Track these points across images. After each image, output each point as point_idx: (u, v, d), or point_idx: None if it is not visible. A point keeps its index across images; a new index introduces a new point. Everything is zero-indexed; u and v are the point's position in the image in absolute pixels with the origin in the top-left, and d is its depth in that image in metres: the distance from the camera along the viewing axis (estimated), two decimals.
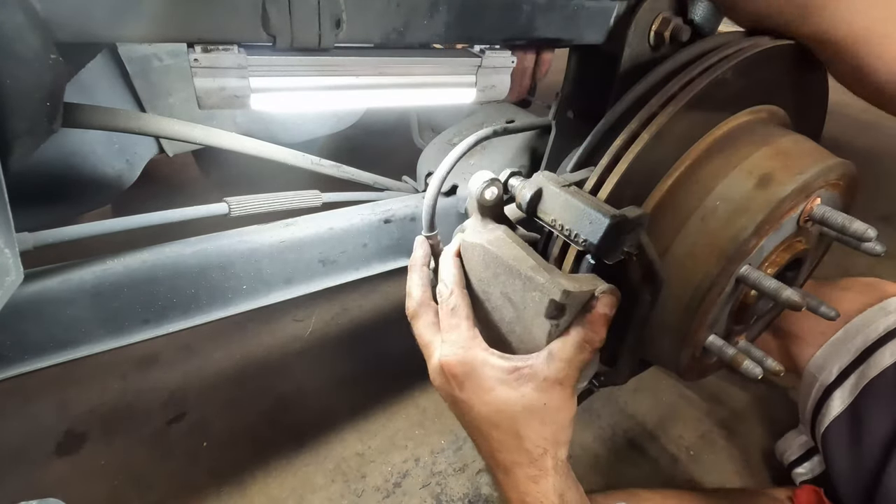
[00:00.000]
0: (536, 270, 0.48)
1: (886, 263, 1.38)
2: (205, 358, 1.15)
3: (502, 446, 0.50)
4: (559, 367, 0.48)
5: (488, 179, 0.54)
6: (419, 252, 0.61)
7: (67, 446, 0.97)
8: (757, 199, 0.52)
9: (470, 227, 0.56)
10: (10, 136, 0.39)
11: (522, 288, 0.49)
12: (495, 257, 0.51)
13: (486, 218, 0.56)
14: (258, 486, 0.91)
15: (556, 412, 0.49)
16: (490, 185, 0.54)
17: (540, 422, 0.49)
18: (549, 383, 0.48)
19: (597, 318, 0.48)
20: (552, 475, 0.50)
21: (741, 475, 0.96)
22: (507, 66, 0.57)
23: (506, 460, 0.50)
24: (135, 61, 0.80)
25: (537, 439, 0.49)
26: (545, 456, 0.49)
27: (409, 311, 0.58)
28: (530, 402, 0.48)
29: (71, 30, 0.36)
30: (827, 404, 0.75)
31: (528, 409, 0.48)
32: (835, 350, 0.76)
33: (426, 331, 0.55)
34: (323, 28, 0.43)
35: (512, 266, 0.49)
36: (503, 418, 0.49)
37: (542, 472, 0.49)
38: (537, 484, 0.49)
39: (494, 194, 0.55)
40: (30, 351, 0.56)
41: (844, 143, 2.19)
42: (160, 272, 0.61)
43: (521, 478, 0.50)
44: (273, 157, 0.72)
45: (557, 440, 0.50)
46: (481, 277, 0.54)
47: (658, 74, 0.56)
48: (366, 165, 0.85)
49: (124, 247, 0.61)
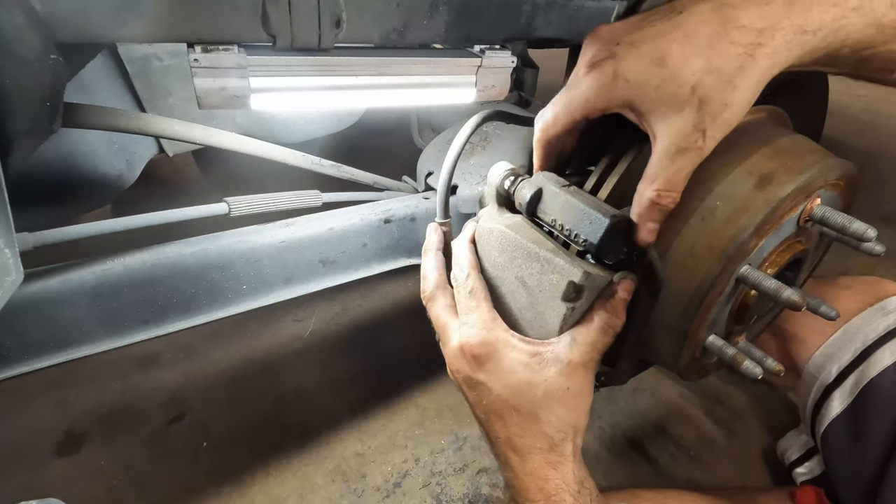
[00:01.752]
0: (556, 253, 0.48)
1: (886, 263, 1.38)
2: (205, 358, 1.15)
3: (522, 431, 0.50)
4: (583, 351, 0.47)
5: (508, 169, 0.54)
6: (433, 237, 0.61)
7: (67, 446, 0.97)
8: (757, 199, 0.52)
9: (486, 215, 0.56)
10: (10, 136, 0.39)
11: (540, 270, 0.49)
12: (513, 240, 0.51)
13: (503, 208, 0.56)
14: (258, 486, 0.91)
15: (577, 397, 0.48)
16: (509, 174, 0.55)
17: (563, 407, 0.48)
18: (572, 367, 0.47)
19: (619, 302, 0.48)
20: (571, 461, 0.49)
21: (741, 475, 0.96)
22: (507, 66, 0.57)
23: (524, 445, 0.50)
24: (135, 61, 0.80)
25: (559, 424, 0.49)
26: (566, 441, 0.49)
27: (425, 295, 0.58)
28: (553, 386, 0.48)
29: (71, 30, 0.36)
30: (826, 404, 0.75)
31: (550, 393, 0.48)
32: (834, 350, 0.76)
33: (443, 313, 0.55)
34: (323, 28, 0.43)
35: (530, 249, 0.50)
36: (524, 402, 0.49)
37: (563, 457, 0.49)
38: (557, 469, 0.49)
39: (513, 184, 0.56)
40: (30, 351, 0.56)
41: (844, 143, 2.19)
42: (160, 272, 0.61)
43: (539, 463, 0.49)
44: (273, 157, 0.72)
45: (577, 426, 0.50)
46: (496, 262, 0.54)
47: None
48: (366, 165, 0.85)
49: (124, 247, 0.61)
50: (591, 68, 0.44)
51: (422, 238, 0.82)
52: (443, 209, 0.61)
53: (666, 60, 0.40)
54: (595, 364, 0.48)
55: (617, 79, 0.42)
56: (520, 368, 0.49)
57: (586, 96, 0.45)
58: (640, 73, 0.41)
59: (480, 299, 0.52)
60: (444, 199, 0.60)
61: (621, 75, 0.42)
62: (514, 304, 0.53)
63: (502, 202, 0.56)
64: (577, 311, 0.49)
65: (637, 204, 0.45)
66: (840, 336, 0.76)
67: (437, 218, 0.61)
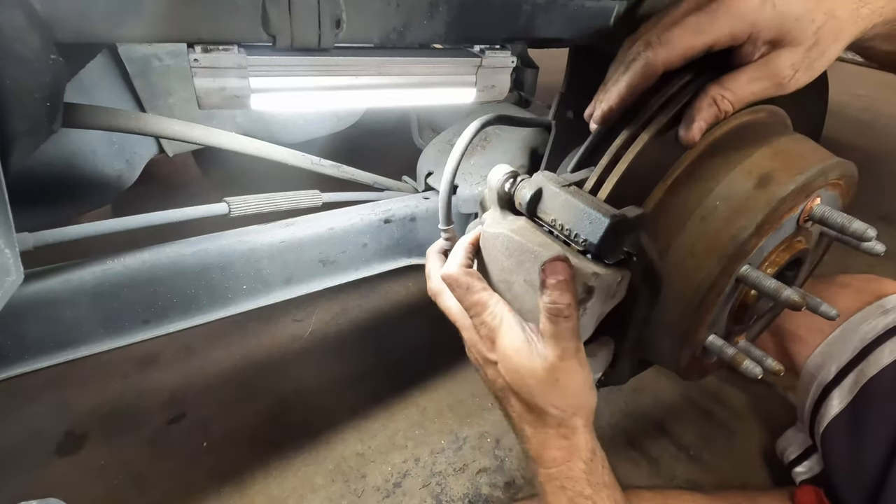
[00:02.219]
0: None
1: (886, 263, 1.38)
2: (205, 358, 1.15)
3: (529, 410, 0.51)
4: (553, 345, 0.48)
5: (509, 171, 0.54)
6: (437, 244, 0.63)
7: (67, 446, 0.97)
8: (757, 199, 0.52)
9: (489, 219, 0.56)
10: (10, 136, 0.39)
11: None
12: (519, 244, 0.51)
13: (506, 210, 0.56)
14: (258, 486, 0.91)
15: (569, 385, 0.49)
16: (510, 177, 0.55)
17: (559, 395, 0.49)
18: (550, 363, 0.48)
19: (555, 285, 0.46)
20: (583, 432, 0.51)
21: (741, 475, 0.96)
22: (507, 66, 0.57)
23: (534, 420, 0.51)
24: (135, 61, 0.80)
25: (562, 405, 0.50)
26: (574, 417, 0.50)
27: (431, 291, 0.59)
28: (542, 377, 0.48)
29: (71, 30, 0.36)
30: (825, 403, 0.75)
31: (542, 383, 0.49)
32: (833, 348, 0.76)
33: (452, 303, 0.56)
34: (323, 28, 0.43)
35: (537, 252, 0.49)
36: (522, 388, 0.50)
37: (573, 429, 0.51)
38: (568, 439, 0.51)
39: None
40: (30, 351, 0.56)
41: (844, 143, 2.19)
42: (160, 272, 0.61)
43: (551, 435, 0.51)
44: (273, 157, 0.72)
45: (581, 405, 0.51)
46: (503, 266, 0.54)
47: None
48: (366, 165, 0.85)
49: (124, 247, 0.62)
50: None
51: (422, 238, 0.82)
52: (445, 215, 0.61)
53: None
54: (573, 350, 0.48)
55: (766, 3, 0.44)
56: (515, 355, 0.49)
57: (722, 19, 0.45)
58: (788, 1, 0.44)
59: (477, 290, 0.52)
60: (447, 205, 0.60)
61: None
62: (523, 307, 0.53)
63: (504, 205, 0.56)
64: (588, 312, 0.49)
65: (698, 99, 0.47)
66: (839, 335, 0.76)
67: (440, 224, 0.61)
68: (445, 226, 0.62)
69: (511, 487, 0.92)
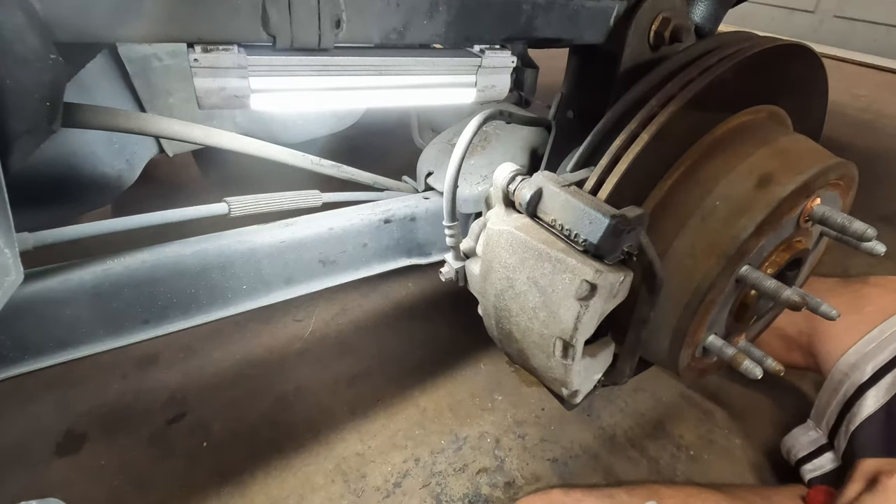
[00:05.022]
0: (567, 252, 0.48)
1: (886, 263, 1.38)
2: (205, 358, 1.15)
3: None
4: None
5: (514, 170, 0.55)
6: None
7: (67, 446, 0.97)
8: (757, 199, 0.52)
9: (494, 217, 0.56)
10: (10, 136, 0.39)
11: (552, 270, 0.49)
12: (523, 242, 0.51)
13: (510, 208, 0.56)
14: (258, 486, 0.91)
15: None
16: (515, 174, 0.55)
17: None
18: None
19: None
20: None
21: (741, 475, 0.96)
22: (507, 66, 0.57)
23: None
24: (135, 61, 0.80)
25: None
26: None
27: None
28: None
29: (71, 30, 0.36)
30: (859, 403, 0.74)
31: None
32: (869, 348, 0.75)
33: None
34: (323, 28, 0.43)
35: (541, 249, 0.50)
36: None
37: None
38: None
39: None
40: (30, 351, 0.56)
41: (844, 143, 2.19)
42: (160, 272, 0.61)
43: None
44: (273, 157, 0.72)
45: None
46: (507, 264, 0.54)
47: (658, 74, 0.56)
48: (366, 165, 0.85)
49: (124, 247, 0.61)
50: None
51: (422, 238, 0.82)
52: (450, 212, 0.61)
53: None
54: None
55: None
56: None
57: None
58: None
59: None
60: (451, 202, 0.60)
61: None
62: (527, 304, 0.53)
63: (509, 203, 0.56)
64: (591, 310, 0.49)
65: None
66: (876, 334, 0.75)
67: (445, 221, 0.62)
68: (450, 222, 0.62)
69: (511, 487, 0.92)
